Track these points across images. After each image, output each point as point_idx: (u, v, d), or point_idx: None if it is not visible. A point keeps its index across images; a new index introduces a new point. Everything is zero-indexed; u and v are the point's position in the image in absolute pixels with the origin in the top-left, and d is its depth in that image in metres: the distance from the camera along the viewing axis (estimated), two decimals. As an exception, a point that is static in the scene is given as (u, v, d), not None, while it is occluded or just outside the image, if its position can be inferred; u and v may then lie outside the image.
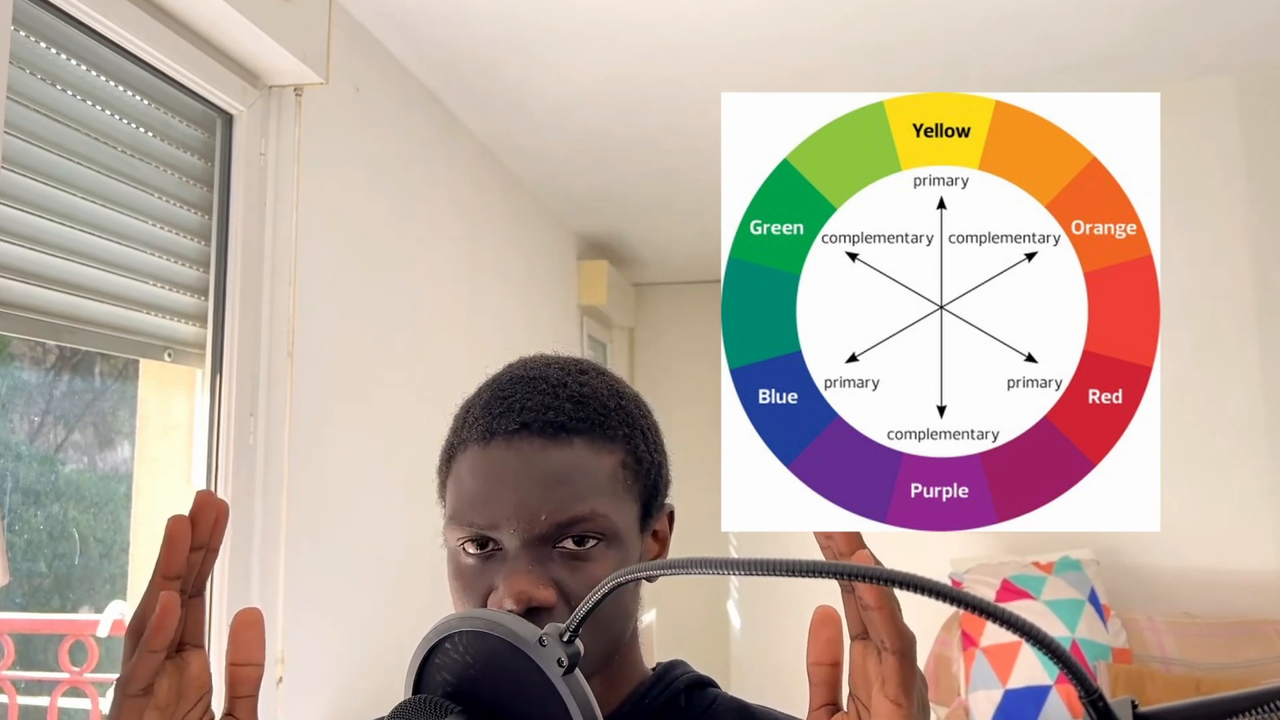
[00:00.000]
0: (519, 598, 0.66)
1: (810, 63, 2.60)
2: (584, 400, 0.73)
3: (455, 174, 2.95)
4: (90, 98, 1.55)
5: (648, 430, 0.77)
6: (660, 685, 0.78)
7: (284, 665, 1.90)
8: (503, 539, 0.69)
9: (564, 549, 0.69)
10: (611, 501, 0.71)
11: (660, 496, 0.78)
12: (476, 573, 0.70)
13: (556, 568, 0.69)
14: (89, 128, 1.54)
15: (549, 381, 0.74)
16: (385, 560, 2.37)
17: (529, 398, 0.72)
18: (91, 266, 1.53)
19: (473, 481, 0.71)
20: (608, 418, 0.73)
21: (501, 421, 0.71)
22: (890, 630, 0.50)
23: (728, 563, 0.43)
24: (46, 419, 2.34)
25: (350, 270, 2.27)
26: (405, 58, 2.54)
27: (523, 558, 0.68)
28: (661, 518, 0.78)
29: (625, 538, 0.72)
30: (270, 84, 1.96)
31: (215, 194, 1.85)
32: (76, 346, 1.55)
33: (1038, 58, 2.55)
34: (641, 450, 0.75)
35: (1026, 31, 2.41)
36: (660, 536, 0.79)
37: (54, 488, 2.34)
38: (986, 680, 2.37)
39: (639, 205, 4.00)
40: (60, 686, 2.87)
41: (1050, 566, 2.49)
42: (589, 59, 2.57)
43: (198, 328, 1.80)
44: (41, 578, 2.49)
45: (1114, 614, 2.43)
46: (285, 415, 1.95)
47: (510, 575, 0.67)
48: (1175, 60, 2.60)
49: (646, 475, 0.75)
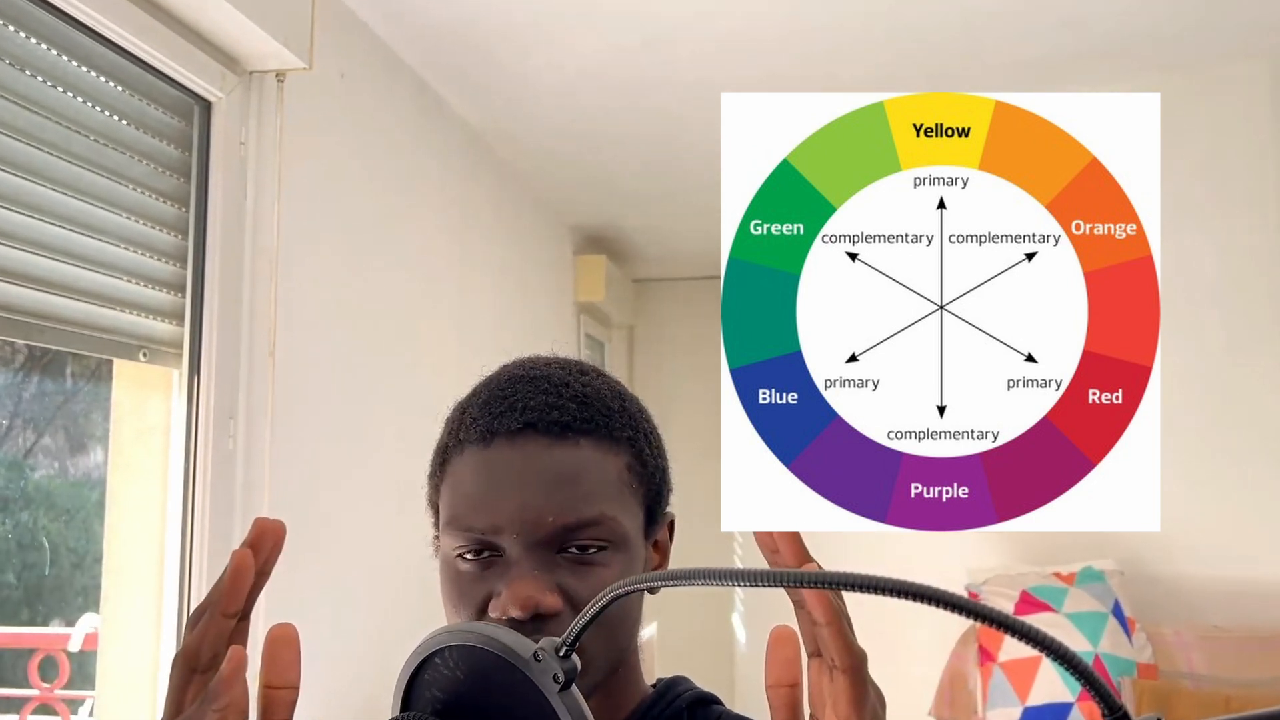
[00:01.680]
0: (524, 604, 0.66)
1: (817, 45, 2.62)
2: (589, 400, 0.74)
3: (445, 164, 2.97)
4: (60, 84, 1.57)
5: (650, 434, 0.79)
6: (662, 703, 0.78)
7: (265, 680, 1.92)
8: (504, 544, 0.69)
9: (569, 555, 0.69)
10: (619, 505, 0.72)
11: (663, 503, 0.79)
12: (474, 581, 0.70)
13: (562, 574, 0.69)
14: (59, 115, 1.55)
15: (551, 381, 0.74)
16: (372, 571, 2.39)
17: (531, 397, 0.72)
18: (62, 261, 1.55)
19: (472, 484, 0.71)
20: (612, 419, 0.74)
21: (503, 421, 0.71)
22: (839, 646, 0.50)
23: (735, 574, 0.43)
24: (15, 422, 2.36)
25: (335, 265, 2.29)
26: (393, 41, 2.56)
27: (527, 562, 0.68)
28: (663, 527, 0.80)
29: (632, 544, 0.73)
30: (250, 69, 1.98)
31: (193, 185, 1.87)
32: (46, 346, 1.56)
33: (1061, 43, 2.58)
34: (646, 454, 0.76)
35: (1048, 16, 2.43)
36: (661, 546, 0.80)
37: (23, 494, 2.36)
38: (1005, 697, 2.39)
39: (639, 196, 4.02)
40: (30, 704, 2.89)
41: (1072, 577, 2.51)
42: (586, 41, 2.59)
43: (174, 326, 1.82)
44: (10, 589, 2.51)
45: (1139, 627, 2.45)
46: (266, 418, 1.97)
47: (514, 580, 0.67)
48: (1208, 43, 2.62)
49: (651, 479, 0.76)
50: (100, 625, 1.88)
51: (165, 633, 1.80)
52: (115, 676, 1.79)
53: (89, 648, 2.69)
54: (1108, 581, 2.49)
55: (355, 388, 2.36)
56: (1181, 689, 2.32)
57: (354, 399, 2.35)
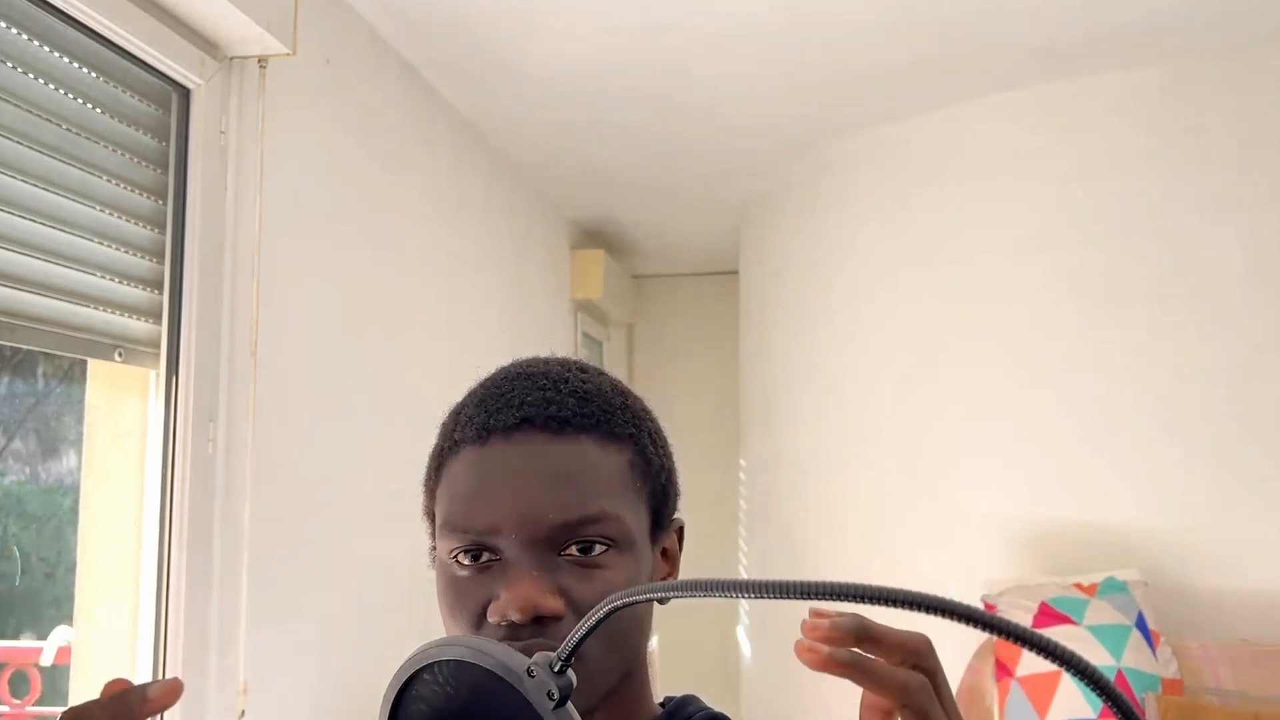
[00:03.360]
0: (523, 606, 0.66)
1: (818, 33, 2.62)
2: (588, 396, 0.74)
3: (435, 154, 2.97)
4: (31, 70, 1.56)
5: (655, 433, 0.79)
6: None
7: (246, 696, 1.92)
8: (502, 545, 0.69)
9: (571, 555, 0.69)
10: (623, 503, 0.72)
11: (670, 506, 0.78)
12: (471, 586, 0.70)
13: (563, 575, 0.68)
14: (29, 103, 1.55)
15: (550, 377, 0.75)
16: (359, 579, 2.39)
17: (529, 392, 0.73)
18: (33, 257, 1.55)
19: (468, 483, 0.71)
20: (614, 415, 0.74)
21: (499, 418, 0.71)
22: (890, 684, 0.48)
23: (738, 585, 0.43)
24: (-17, 425, 2.36)
25: (320, 260, 2.29)
26: (381, 26, 2.56)
27: (526, 563, 0.68)
28: (671, 533, 0.79)
29: (637, 545, 0.72)
30: (231, 55, 1.98)
31: (171, 176, 1.87)
32: (17, 345, 1.56)
33: (1082, 27, 2.57)
34: (650, 451, 0.76)
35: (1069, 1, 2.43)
36: (670, 555, 0.80)
37: (-9, 501, 2.35)
38: (1023, 713, 2.39)
39: (639, 189, 4.02)
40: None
41: (1093, 588, 2.51)
42: (582, 27, 2.59)
43: (151, 324, 1.82)
44: (-22, 601, 2.51)
45: (1164, 640, 2.45)
46: (248, 420, 1.97)
47: (513, 582, 0.67)
48: (1230, 28, 2.62)
49: (656, 478, 0.76)
50: (74, 638, 1.87)
51: (141, 646, 1.79)
52: (89, 692, 1.79)
53: (61, 662, 2.69)
54: (1131, 593, 2.49)
55: (342, 388, 2.36)
56: (1208, 705, 2.32)
57: (341, 400, 2.35)
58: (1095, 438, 2.82)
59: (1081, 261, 2.89)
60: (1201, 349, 2.74)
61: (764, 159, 3.65)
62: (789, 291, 3.78)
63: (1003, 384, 2.98)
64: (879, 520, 3.24)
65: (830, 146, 3.50)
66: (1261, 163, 2.73)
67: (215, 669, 1.88)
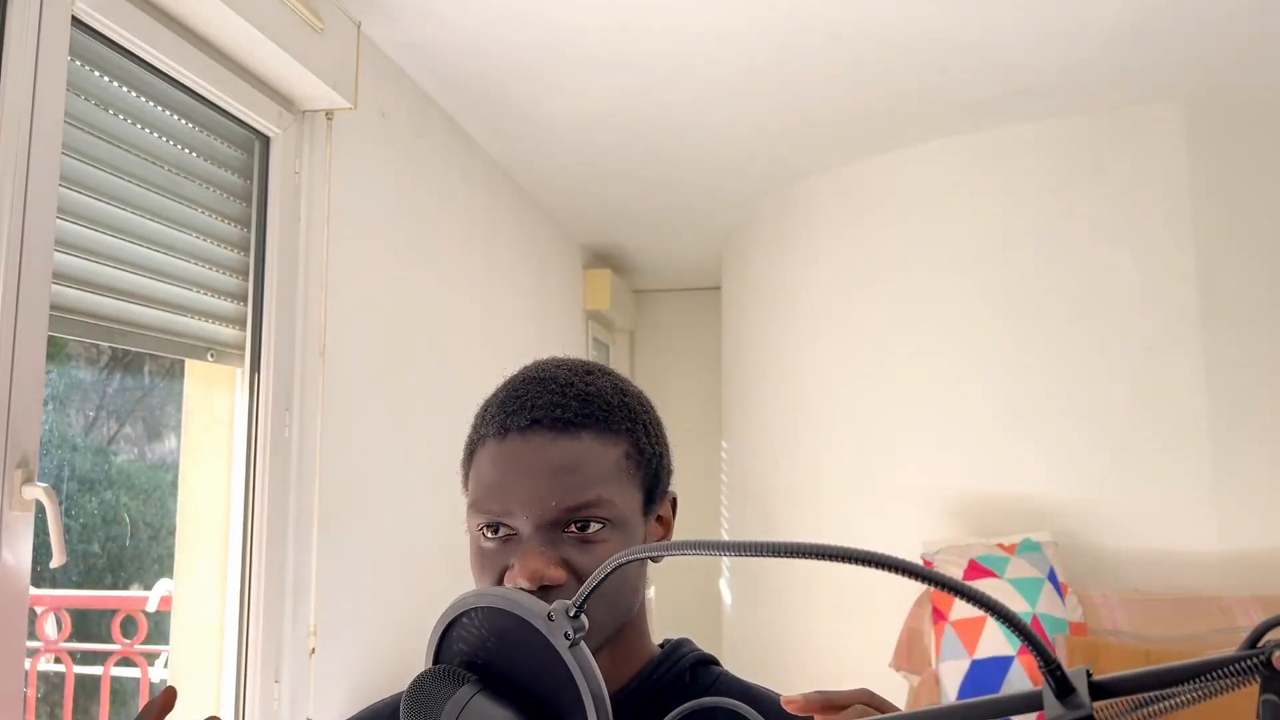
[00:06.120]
0: (532, 576, 0.67)
1: (803, 80, 2.61)
2: (589, 398, 0.74)
3: (471, 190, 2.97)
4: (140, 121, 1.56)
5: (650, 425, 0.78)
6: (668, 663, 0.78)
7: (316, 637, 1.92)
8: (517, 524, 0.70)
9: (572, 533, 0.70)
10: (616, 489, 0.72)
11: (662, 484, 0.78)
12: (494, 554, 0.71)
13: (566, 549, 0.70)
14: (139, 149, 1.55)
15: (558, 382, 0.75)
16: (409, 543, 2.39)
17: (539, 396, 0.73)
18: (141, 275, 1.55)
19: (490, 473, 0.72)
20: (611, 414, 0.74)
21: (515, 418, 0.72)
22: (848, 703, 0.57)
23: (720, 545, 0.43)
24: (100, 414, 2.36)
25: (376, 278, 2.29)
26: (426, 84, 2.56)
27: (535, 540, 0.69)
28: (665, 504, 0.79)
29: (629, 521, 0.73)
30: (304, 109, 1.97)
31: (254, 209, 1.87)
32: (127, 348, 1.56)
33: (1000, 85, 2.57)
34: (644, 442, 0.76)
35: (991, 60, 2.43)
36: (664, 521, 0.80)
37: (106, 476, 2.35)
38: (955, 651, 2.38)
39: (639, 218, 4.02)
40: (113, 657, 2.89)
41: (1013, 548, 2.50)
42: (595, 85, 2.59)
43: (238, 330, 1.82)
44: (95, 558, 2.51)
45: (1071, 591, 2.44)
46: (318, 410, 1.96)
47: (524, 556, 0.69)
48: (1126, 86, 2.62)
49: (648, 465, 0.76)
50: (173, 589, 1.87)
51: (229, 595, 1.79)
52: (186, 633, 1.79)
53: (163, 608, 2.69)
54: (1044, 551, 2.49)
55: (395, 383, 2.35)
56: (1107, 644, 2.32)
57: (393, 393, 2.34)
58: (1015, 423, 2.82)
59: (1004, 278, 2.88)
60: (1103, 349, 2.74)
61: (741, 195, 3.64)
62: (763, 304, 3.77)
63: (938, 379, 2.97)
64: (836, 492, 3.23)
65: (796, 184, 3.50)
66: (1151, 197, 2.73)
67: (290, 614, 1.87)
